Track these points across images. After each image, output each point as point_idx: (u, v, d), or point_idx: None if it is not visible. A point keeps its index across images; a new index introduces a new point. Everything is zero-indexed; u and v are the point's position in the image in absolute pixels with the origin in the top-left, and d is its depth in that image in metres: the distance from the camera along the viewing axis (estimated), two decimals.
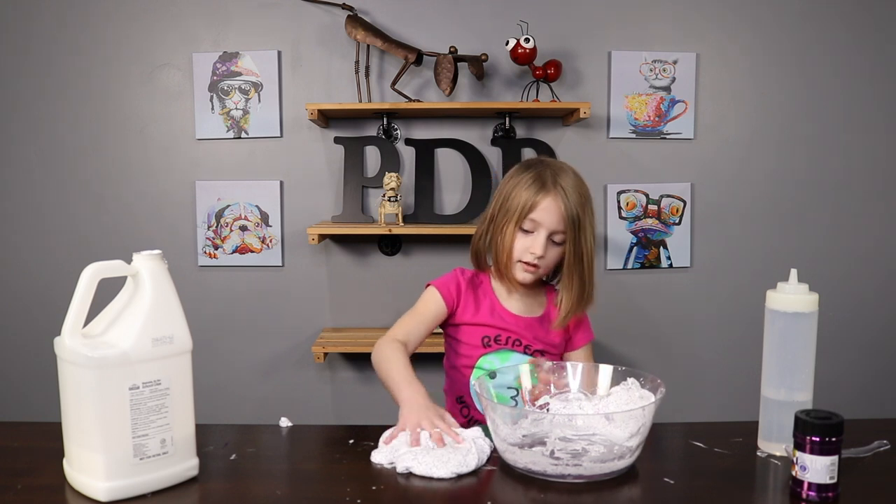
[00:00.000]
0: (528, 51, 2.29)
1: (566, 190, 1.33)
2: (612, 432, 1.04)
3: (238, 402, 2.50)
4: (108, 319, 0.98)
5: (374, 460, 1.06)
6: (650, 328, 2.56)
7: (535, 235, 1.35)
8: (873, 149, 2.52)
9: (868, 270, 2.56)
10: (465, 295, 1.42)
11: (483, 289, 1.45)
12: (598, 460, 0.99)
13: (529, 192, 1.34)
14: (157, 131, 2.47)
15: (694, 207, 2.53)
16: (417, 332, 1.37)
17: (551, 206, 1.33)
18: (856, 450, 1.09)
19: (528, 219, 1.34)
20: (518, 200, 1.35)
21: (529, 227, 1.35)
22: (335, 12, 2.40)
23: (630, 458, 1.02)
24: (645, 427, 1.02)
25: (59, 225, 2.50)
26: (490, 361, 1.41)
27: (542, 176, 1.35)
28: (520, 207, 1.34)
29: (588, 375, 1.20)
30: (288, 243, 2.50)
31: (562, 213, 1.33)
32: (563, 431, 1.04)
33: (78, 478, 0.97)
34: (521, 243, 1.36)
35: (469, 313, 1.42)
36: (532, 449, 1.02)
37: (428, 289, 1.44)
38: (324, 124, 2.44)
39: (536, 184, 1.34)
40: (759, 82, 2.49)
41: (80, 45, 2.43)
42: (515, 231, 1.36)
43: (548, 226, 1.34)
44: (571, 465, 0.99)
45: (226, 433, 1.19)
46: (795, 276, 1.10)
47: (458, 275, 1.45)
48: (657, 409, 1.04)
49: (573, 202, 1.33)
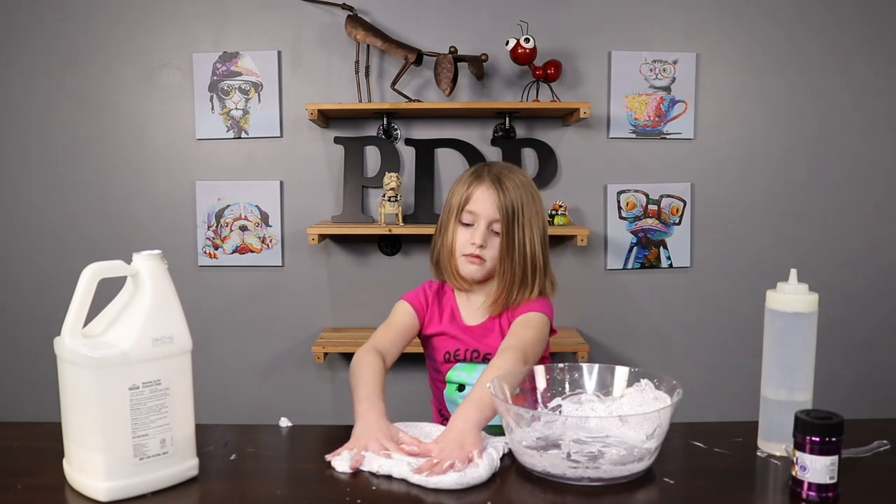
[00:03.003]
0: (528, 51, 2.29)
1: (502, 181, 1.35)
2: (627, 434, 1.03)
3: (238, 402, 2.50)
4: (108, 319, 0.98)
5: (339, 469, 1.04)
6: (650, 328, 2.56)
7: (475, 227, 1.36)
8: (873, 149, 2.52)
9: (868, 270, 2.56)
10: (432, 307, 1.44)
11: (446, 298, 1.46)
12: (618, 462, 0.98)
13: (465, 186, 1.38)
14: (157, 131, 2.47)
15: (694, 207, 2.53)
16: (395, 343, 1.37)
17: (485, 196, 1.34)
18: (856, 450, 1.09)
19: (465, 211, 1.36)
20: (456, 196, 1.38)
21: (468, 220, 1.36)
22: (335, 12, 2.40)
23: (649, 461, 1.01)
24: (661, 429, 1.00)
25: (59, 225, 2.50)
26: (458, 375, 1.42)
27: (480, 171, 1.39)
28: (458, 202, 1.37)
29: (602, 377, 1.18)
30: (288, 243, 2.50)
31: (496, 203, 1.34)
32: (577, 434, 1.03)
33: (78, 478, 0.97)
34: (461, 237, 1.37)
35: (434, 324, 1.44)
36: (548, 452, 1.00)
37: (399, 302, 1.45)
38: (324, 124, 2.44)
39: (472, 177, 1.38)
40: (759, 82, 2.49)
41: (81, 46, 2.43)
42: (456, 225, 1.38)
43: (485, 216, 1.35)
44: (591, 468, 0.97)
45: (226, 433, 1.19)
46: (795, 276, 1.10)
47: (426, 287, 1.47)
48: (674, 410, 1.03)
49: (509, 193, 1.34)
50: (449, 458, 1.00)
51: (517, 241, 1.35)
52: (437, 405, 1.49)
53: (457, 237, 1.38)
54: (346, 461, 1.04)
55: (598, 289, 2.53)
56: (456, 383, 1.43)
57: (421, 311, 1.44)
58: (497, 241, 1.36)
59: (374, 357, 1.28)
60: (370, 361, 1.27)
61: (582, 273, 2.52)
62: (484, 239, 1.35)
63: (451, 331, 1.42)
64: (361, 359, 1.28)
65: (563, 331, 2.48)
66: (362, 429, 1.10)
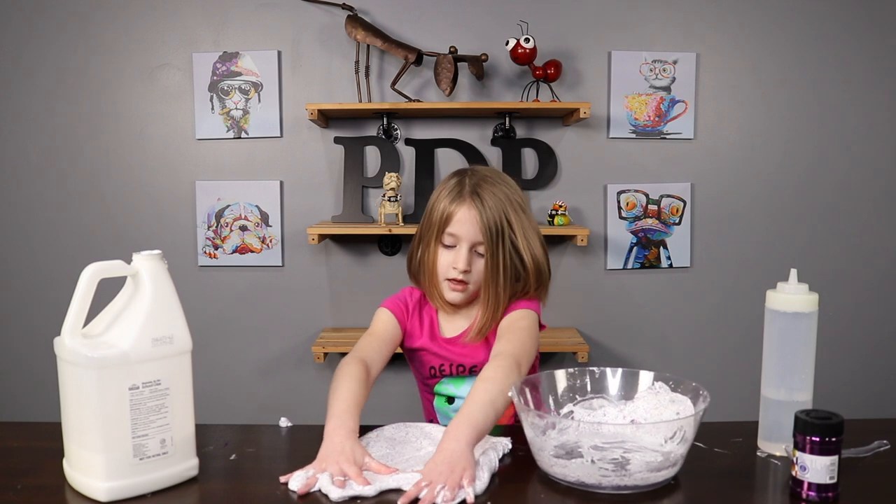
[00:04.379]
0: (528, 51, 2.29)
1: (483, 198, 1.26)
2: (643, 438, 1.01)
3: (238, 402, 2.50)
4: (108, 319, 0.98)
5: (292, 487, 0.97)
6: (650, 328, 2.56)
7: (458, 249, 1.28)
8: (873, 149, 2.52)
9: (868, 270, 2.56)
10: (412, 318, 1.38)
11: (426, 310, 1.40)
12: (654, 469, 0.96)
13: (445, 203, 1.28)
14: (157, 131, 2.47)
15: (694, 207, 2.53)
16: (379, 352, 1.29)
17: (466, 217, 1.26)
18: (856, 450, 1.08)
19: (446, 233, 1.28)
20: (436, 213, 1.29)
21: (450, 242, 1.29)
22: (335, 12, 2.40)
23: (678, 466, 0.99)
24: (685, 432, 0.97)
25: (59, 225, 2.50)
26: (446, 388, 1.39)
27: (461, 185, 1.29)
28: (438, 220, 1.29)
29: (621, 381, 1.16)
30: (288, 243, 2.50)
31: (478, 224, 1.26)
32: (592, 440, 1.00)
33: (78, 478, 0.97)
34: (444, 259, 1.30)
35: (416, 338, 1.37)
36: (573, 461, 0.97)
37: (380, 309, 1.38)
38: (324, 124, 2.44)
39: (452, 194, 1.29)
40: (759, 82, 2.49)
41: (81, 46, 2.43)
42: (437, 247, 1.30)
43: (467, 238, 1.27)
44: (626, 475, 0.94)
45: (226, 433, 1.19)
46: (795, 276, 1.10)
47: (407, 296, 1.40)
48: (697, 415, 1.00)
49: (491, 211, 1.25)
50: (439, 482, 0.93)
51: (502, 262, 1.27)
52: (426, 416, 1.45)
53: (438, 259, 1.31)
54: (299, 480, 0.97)
55: (598, 289, 2.53)
56: (444, 395, 1.39)
57: (402, 319, 1.37)
58: (481, 263, 1.29)
59: (356, 368, 1.20)
60: (350, 373, 1.18)
61: (582, 273, 2.52)
62: (467, 263, 1.28)
63: (432, 347, 1.36)
64: (342, 371, 1.20)
65: (563, 331, 2.48)
66: (325, 450, 1.03)
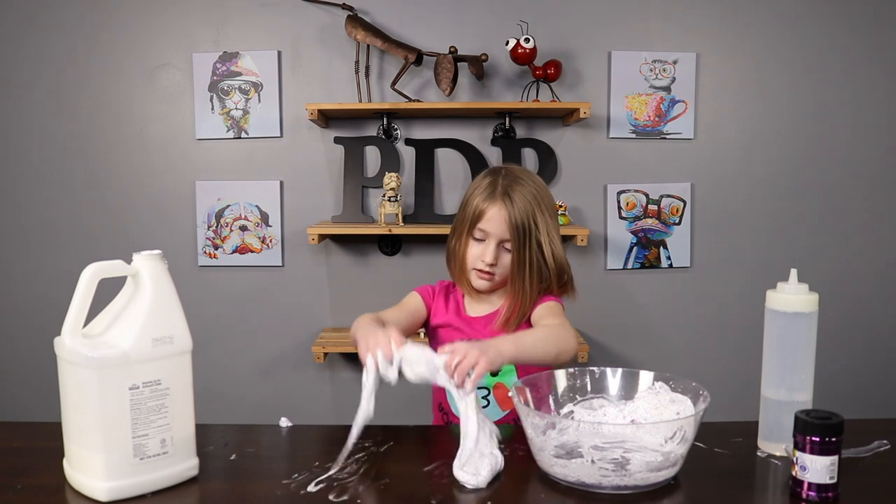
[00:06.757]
0: (528, 51, 2.29)
1: (513, 199, 1.35)
2: (643, 438, 1.01)
3: (238, 402, 2.50)
4: (108, 319, 0.98)
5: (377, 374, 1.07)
6: (650, 328, 2.56)
7: (486, 244, 1.38)
8: (873, 149, 2.52)
9: (868, 270, 2.56)
10: (437, 298, 1.49)
11: (454, 293, 1.50)
12: (654, 469, 0.96)
13: (479, 200, 1.38)
14: (156, 131, 2.47)
15: (694, 207, 2.53)
16: (397, 319, 1.38)
17: (496, 216, 1.35)
18: (856, 450, 1.09)
19: (477, 228, 1.38)
20: (469, 209, 1.39)
21: (480, 236, 1.38)
22: (335, 12, 2.40)
23: (678, 466, 1.00)
24: (685, 432, 0.98)
25: (60, 225, 2.50)
26: None
27: (495, 184, 1.38)
28: (470, 216, 1.38)
29: (621, 381, 1.16)
30: (288, 243, 2.51)
31: (507, 222, 1.35)
32: (592, 440, 1.00)
33: (78, 478, 0.97)
34: (473, 251, 1.39)
35: (440, 315, 1.47)
36: (573, 461, 0.98)
37: (410, 292, 1.51)
38: (324, 124, 2.44)
39: (485, 192, 1.38)
40: (759, 82, 2.49)
41: (80, 46, 2.43)
42: (468, 239, 1.40)
43: (496, 235, 1.36)
44: (626, 475, 0.95)
45: (226, 433, 1.20)
46: (795, 276, 1.10)
47: (438, 284, 1.52)
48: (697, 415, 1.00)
49: (520, 211, 1.34)
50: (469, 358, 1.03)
51: (528, 259, 1.37)
52: (435, 401, 1.49)
53: (468, 250, 1.40)
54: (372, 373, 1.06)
55: (598, 289, 2.53)
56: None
57: (429, 299, 1.48)
58: (508, 258, 1.38)
59: (371, 316, 1.30)
60: (366, 317, 1.29)
61: (582, 273, 2.52)
62: (494, 257, 1.37)
63: (455, 322, 1.44)
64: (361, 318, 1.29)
65: None
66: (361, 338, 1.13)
